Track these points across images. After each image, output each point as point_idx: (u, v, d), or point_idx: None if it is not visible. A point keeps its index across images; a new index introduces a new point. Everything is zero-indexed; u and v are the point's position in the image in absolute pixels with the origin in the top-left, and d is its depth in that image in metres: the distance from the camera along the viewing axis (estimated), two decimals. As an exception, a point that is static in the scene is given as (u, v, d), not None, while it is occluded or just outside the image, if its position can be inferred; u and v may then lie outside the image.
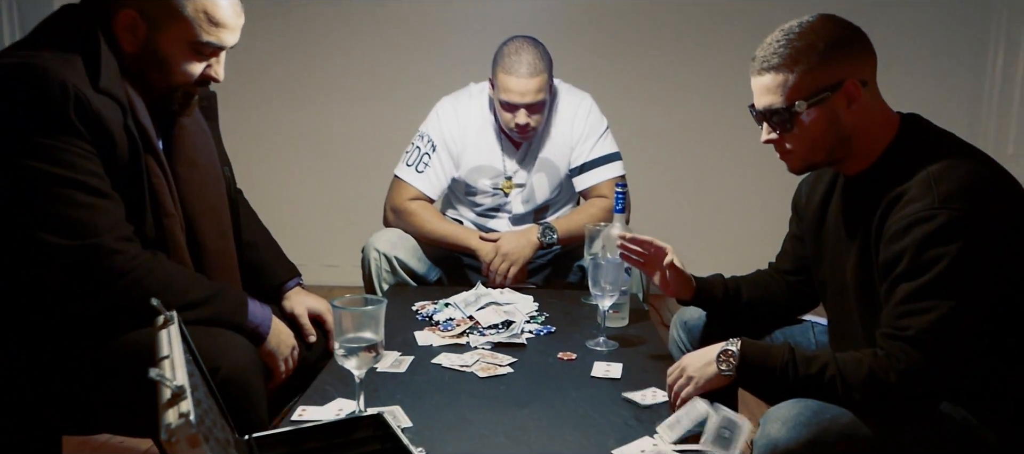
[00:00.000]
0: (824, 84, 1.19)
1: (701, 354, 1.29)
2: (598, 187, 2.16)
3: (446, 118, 2.16)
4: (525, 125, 2.04)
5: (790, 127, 1.22)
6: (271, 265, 1.64)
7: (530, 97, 2.00)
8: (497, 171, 2.18)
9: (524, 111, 2.02)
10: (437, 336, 1.63)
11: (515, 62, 1.99)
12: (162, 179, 1.29)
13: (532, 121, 2.04)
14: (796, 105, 1.20)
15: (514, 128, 2.05)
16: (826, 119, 1.20)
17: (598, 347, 1.59)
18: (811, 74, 1.18)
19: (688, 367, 1.29)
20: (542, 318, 1.78)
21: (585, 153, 2.16)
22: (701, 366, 1.28)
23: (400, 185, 2.15)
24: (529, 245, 2.06)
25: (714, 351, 1.27)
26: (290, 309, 1.60)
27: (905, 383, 1.10)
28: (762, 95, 1.24)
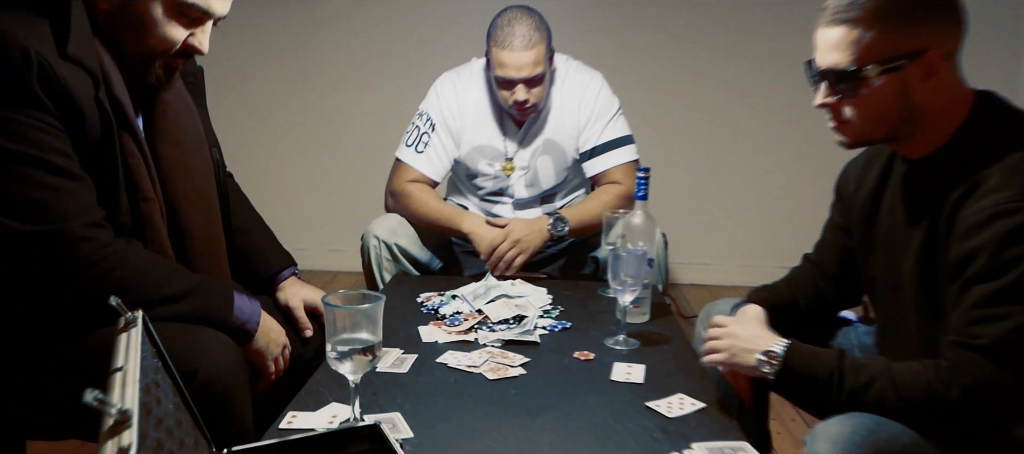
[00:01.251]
0: (903, 50, 1.04)
1: (750, 335, 1.18)
2: (610, 173, 2.02)
3: (445, 95, 2.02)
4: (524, 101, 1.90)
5: (853, 93, 1.08)
6: (264, 253, 1.52)
7: (527, 71, 1.86)
8: (497, 152, 2.05)
9: (522, 86, 1.88)
10: (443, 331, 1.51)
11: (508, 35, 1.85)
12: (140, 159, 1.16)
13: (531, 96, 1.91)
14: (866, 68, 1.05)
15: (513, 106, 1.92)
16: (896, 90, 1.06)
17: (618, 346, 1.46)
18: (891, 35, 1.04)
19: (733, 343, 1.18)
20: (556, 312, 1.65)
21: (595, 136, 2.02)
22: (743, 350, 1.16)
23: (400, 167, 2.03)
24: (539, 234, 1.92)
25: (762, 343, 1.15)
26: (284, 301, 1.49)
27: (971, 400, 0.97)
28: (828, 50, 1.09)
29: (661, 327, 1.60)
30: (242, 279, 1.50)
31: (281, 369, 1.32)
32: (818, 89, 1.14)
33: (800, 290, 1.38)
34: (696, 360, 1.43)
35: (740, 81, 3.36)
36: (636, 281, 1.45)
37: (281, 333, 1.31)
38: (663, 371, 1.36)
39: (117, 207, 1.14)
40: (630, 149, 2.04)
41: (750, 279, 3.80)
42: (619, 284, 1.45)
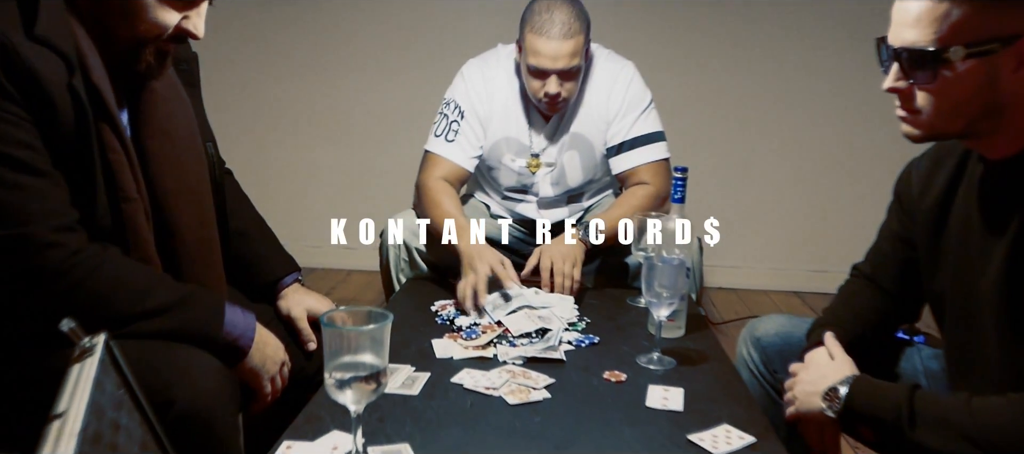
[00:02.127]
0: (996, 32, 0.89)
1: (814, 376, 1.06)
2: (638, 171, 1.87)
3: (473, 82, 1.89)
4: (556, 95, 1.76)
5: (931, 78, 0.93)
6: (264, 258, 1.39)
7: (563, 62, 1.72)
8: (523, 147, 1.91)
9: (555, 78, 1.74)
10: (458, 346, 1.38)
11: (546, 22, 1.71)
12: (121, 154, 1.04)
13: (564, 91, 1.77)
14: (950, 50, 0.90)
15: (543, 98, 1.78)
16: (982, 78, 0.91)
17: (652, 365, 1.32)
18: (984, 14, 0.89)
19: (797, 383, 1.04)
20: (582, 325, 1.51)
21: (624, 130, 1.87)
22: (807, 392, 1.04)
23: (430, 159, 1.89)
24: (579, 247, 1.72)
25: (824, 381, 1.01)
26: (286, 310, 1.36)
27: None
28: (905, 26, 0.94)
29: (698, 343, 1.45)
30: (241, 286, 1.38)
31: (279, 389, 1.19)
32: (889, 71, 0.99)
33: (865, 318, 1.23)
34: (740, 383, 1.29)
35: (773, 79, 3.20)
36: (673, 293, 1.31)
37: (279, 349, 1.19)
38: (704, 396, 1.21)
39: (94, 208, 1.01)
40: (661, 147, 1.89)
41: (780, 283, 3.66)
42: (653, 296, 1.31)
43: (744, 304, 3.22)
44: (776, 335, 1.30)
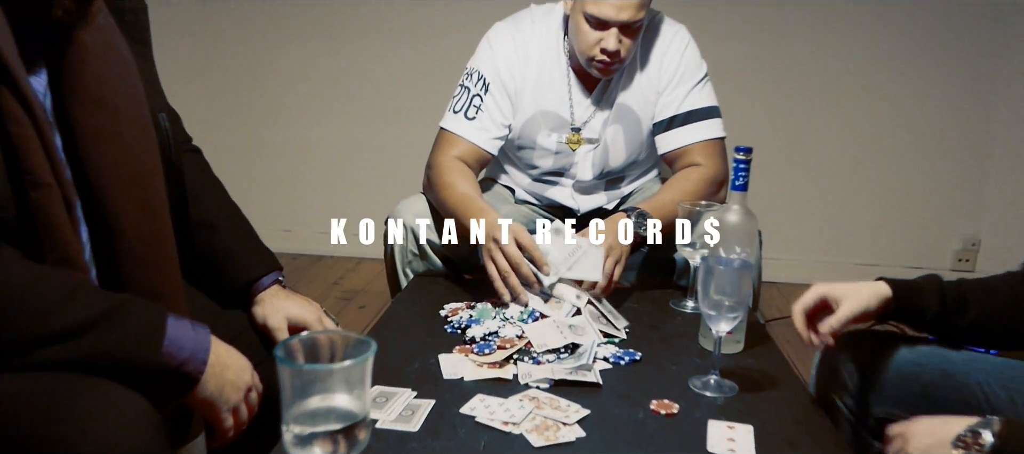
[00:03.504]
0: None
1: (932, 428, 0.80)
2: (689, 151, 1.60)
3: (501, 48, 1.62)
4: (614, 53, 1.49)
5: None
6: (236, 255, 1.15)
7: (628, 14, 1.46)
8: (561, 121, 1.65)
9: (616, 33, 1.48)
10: (470, 363, 1.13)
11: None
12: (28, 127, 0.79)
13: (623, 49, 1.50)
14: None
15: (597, 57, 1.51)
16: None
17: (709, 392, 1.07)
18: None
19: (914, 432, 0.79)
20: (620, 336, 1.26)
21: (675, 103, 1.61)
22: (928, 444, 0.78)
23: (444, 138, 1.63)
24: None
25: (951, 427, 0.76)
26: (262, 318, 1.12)
27: None
28: None
29: (761, 360, 1.20)
30: (209, 290, 1.15)
31: (244, 421, 0.95)
32: None
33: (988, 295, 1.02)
34: (822, 418, 1.03)
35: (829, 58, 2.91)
36: (736, 303, 1.05)
37: (243, 371, 0.95)
38: (779, 435, 0.96)
39: (-12, 198, 0.77)
40: (716, 124, 1.62)
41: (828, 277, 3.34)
42: (711, 307, 1.05)
43: (788, 301, 2.95)
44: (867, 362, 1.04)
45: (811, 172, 3.05)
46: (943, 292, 1.02)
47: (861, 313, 1.02)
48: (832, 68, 2.94)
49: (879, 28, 2.88)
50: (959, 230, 3.07)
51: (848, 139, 3.00)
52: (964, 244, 3.08)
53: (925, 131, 2.95)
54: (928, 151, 2.97)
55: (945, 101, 2.93)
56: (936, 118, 2.94)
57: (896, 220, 3.06)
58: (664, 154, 1.64)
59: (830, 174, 3.05)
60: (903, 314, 1.04)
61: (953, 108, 2.94)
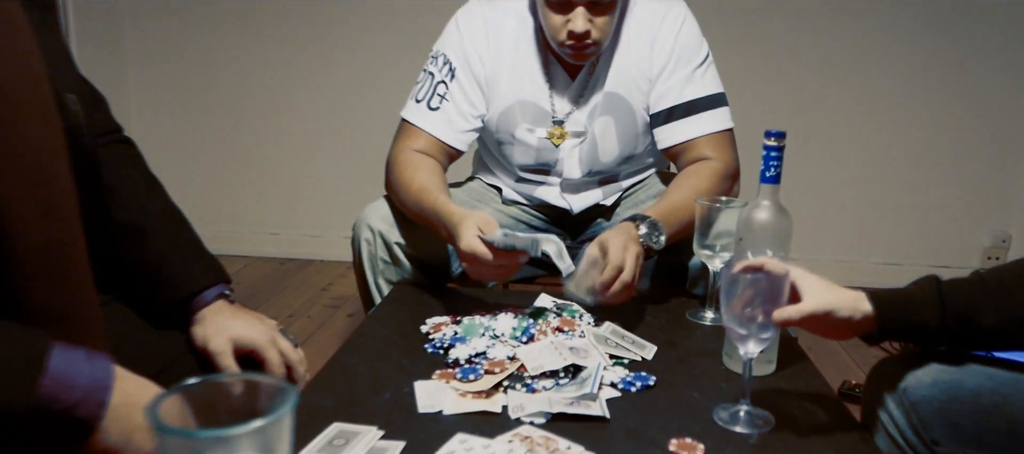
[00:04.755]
0: None
1: None
2: (696, 144, 1.41)
3: (471, 31, 1.44)
4: (583, 35, 1.31)
5: None
6: (172, 264, 0.97)
7: None
8: (542, 113, 1.47)
9: (583, 12, 1.30)
10: (451, 391, 0.95)
11: None
12: None
13: (594, 29, 1.32)
14: None
15: (566, 41, 1.34)
16: None
17: (740, 427, 0.88)
18: None
19: None
20: (630, 358, 1.07)
21: (674, 92, 1.41)
22: None
23: (405, 131, 1.45)
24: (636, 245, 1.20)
25: None
26: (203, 340, 0.94)
27: None
28: None
29: (797, 383, 1.01)
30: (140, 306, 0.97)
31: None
32: None
33: None
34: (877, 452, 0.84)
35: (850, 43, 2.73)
36: (770, 318, 0.87)
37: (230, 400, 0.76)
38: (831, 485, 0.77)
39: None
40: (724, 113, 1.43)
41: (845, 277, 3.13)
42: (739, 324, 0.87)
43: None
44: (935, 387, 0.85)
45: (831, 167, 2.86)
46: (943, 300, 0.84)
47: (825, 313, 0.84)
48: (852, 58, 2.75)
49: (904, 19, 2.70)
50: (989, 226, 2.89)
51: (870, 132, 2.82)
52: (994, 241, 2.90)
53: (952, 125, 2.78)
54: (956, 145, 2.80)
55: (972, 94, 2.75)
56: (964, 111, 2.77)
57: (922, 217, 2.88)
58: (665, 149, 1.46)
59: (851, 169, 2.87)
60: (899, 332, 0.86)
61: (981, 101, 2.76)
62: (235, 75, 3.10)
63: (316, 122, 3.11)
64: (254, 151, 3.20)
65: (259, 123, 3.15)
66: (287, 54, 3.05)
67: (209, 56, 3.11)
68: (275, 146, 3.17)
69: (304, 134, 3.13)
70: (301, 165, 3.17)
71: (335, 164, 3.10)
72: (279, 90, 3.10)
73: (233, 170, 3.26)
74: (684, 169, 1.41)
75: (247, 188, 3.27)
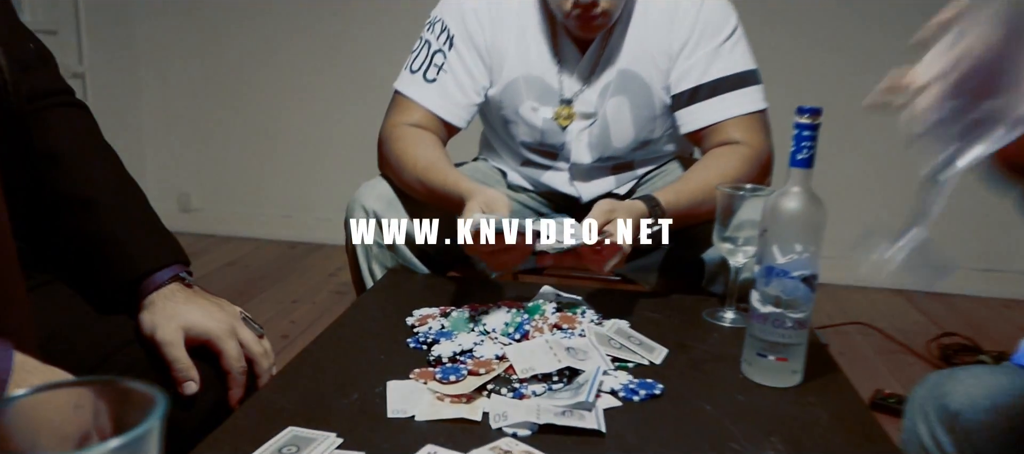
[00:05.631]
0: None
1: None
2: (723, 127, 1.27)
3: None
4: (590, 4, 1.19)
5: None
6: (119, 241, 0.87)
7: None
8: (548, 90, 1.34)
9: None
10: (428, 393, 0.83)
11: None
12: None
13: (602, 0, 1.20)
14: None
15: (570, 10, 1.21)
16: None
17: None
18: None
19: None
20: (635, 362, 0.95)
21: (697, 70, 1.28)
22: None
23: (398, 104, 1.34)
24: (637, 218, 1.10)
25: None
26: (150, 329, 0.84)
27: None
28: None
29: (826, 398, 0.88)
30: (85, 288, 0.87)
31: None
32: None
33: None
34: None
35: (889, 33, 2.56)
36: (798, 322, 0.74)
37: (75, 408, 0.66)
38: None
39: None
40: (753, 93, 1.29)
41: (882, 278, 3.01)
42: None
43: (836, 304, 2.61)
44: (994, 413, 0.72)
45: (871, 157, 2.70)
46: None
47: None
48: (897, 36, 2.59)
49: None
50: (1039, 229, 2.71)
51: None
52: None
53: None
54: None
55: None
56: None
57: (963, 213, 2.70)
58: (688, 134, 1.32)
59: (886, 157, 2.70)
60: None
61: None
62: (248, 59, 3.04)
63: (330, 105, 3.02)
64: (268, 133, 3.13)
65: (273, 105, 3.08)
66: (300, 37, 2.98)
67: (222, 40, 3.06)
68: (288, 128, 3.10)
69: (317, 117, 3.05)
70: (314, 148, 3.09)
71: (348, 147, 3.01)
72: (294, 71, 3.02)
73: (246, 152, 3.20)
74: (709, 153, 1.28)
75: (258, 170, 3.21)
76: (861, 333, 2.38)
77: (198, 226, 3.31)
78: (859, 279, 2.77)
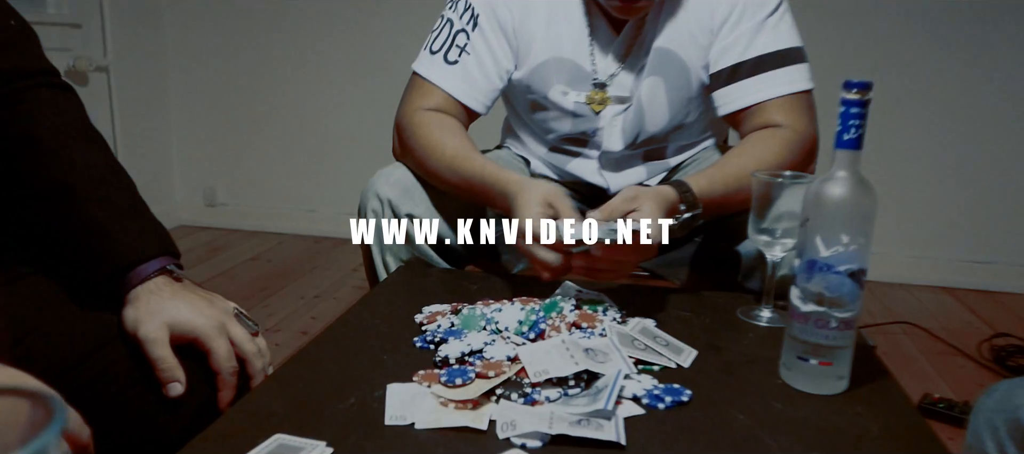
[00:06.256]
0: None
1: None
2: (764, 109, 1.18)
3: None
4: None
5: None
6: (104, 231, 0.81)
7: None
8: (580, 73, 1.26)
9: None
10: (431, 397, 0.76)
11: None
12: None
13: None
14: None
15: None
16: None
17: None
18: None
19: None
20: (661, 365, 0.86)
21: (739, 46, 1.19)
22: None
23: (417, 86, 1.27)
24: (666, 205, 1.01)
25: None
26: (132, 325, 0.78)
27: None
28: None
29: (876, 407, 0.78)
30: (69, 279, 0.82)
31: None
32: None
33: None
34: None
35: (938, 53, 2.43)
36: (844, 322, 0.65)
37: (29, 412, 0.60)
38: None
39: None
40: (799, 72, 1.19)
41: (926, 275, 2.82)
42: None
43: (879, 302, 2.49)
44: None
45: (907, 147, 2.57)
46: None
47: None
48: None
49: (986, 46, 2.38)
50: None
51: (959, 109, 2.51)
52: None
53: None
54: None
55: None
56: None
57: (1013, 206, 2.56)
58: (726, 116, 1.23)
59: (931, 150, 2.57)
60: None
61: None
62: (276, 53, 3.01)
63: (356, 98, 2.99)
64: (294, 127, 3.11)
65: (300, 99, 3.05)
66: (328, 31, 2.95)
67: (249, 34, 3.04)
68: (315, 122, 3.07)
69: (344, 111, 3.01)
70: (340, 142, 3.06)
71: (374, 141, 2.96)
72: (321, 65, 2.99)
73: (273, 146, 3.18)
74: (748, 136, 1.18)
75: (285, 164, 3.18)
76: (906, 333, 2.25)
77: (224, 221, 3.28)
78: (903, 275, 2.64)
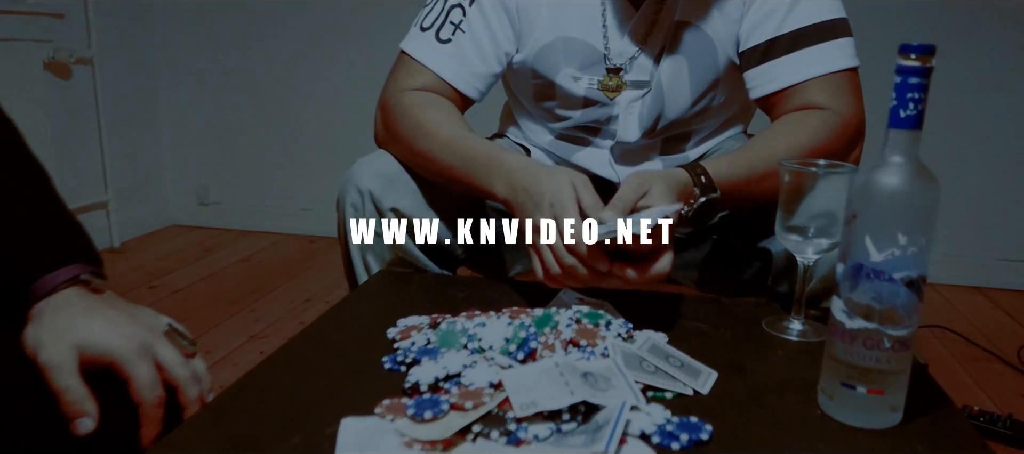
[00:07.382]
0: None
1: None
2: (803, 89, 1.02)
3: None
4: None
5: None
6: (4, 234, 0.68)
7: None
8: (593, 55, 1.12)
9: None
10: (394, 436, 0.62)
11: None
12: None
13: None
14: None
15: None
16: None
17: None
18: None
19: None
20: (675, 391, 0.72)
21: (775, 19, 1.03)
22: None
23: (404, 66, 1.13)
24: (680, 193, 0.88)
25: None
26: (33, 347, 0.64)
27: None
28: None
29: (934, 439, 0.64)
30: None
31: None
32: None
33: None
34: None
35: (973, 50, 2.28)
36: (899, 341, 0.51)
37: None
38: None
39: None
40: (843, 47, 1.03)
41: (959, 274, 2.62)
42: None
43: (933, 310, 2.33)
44: None
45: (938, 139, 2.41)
46: None
47: None
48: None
49: None
50: None
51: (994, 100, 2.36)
52: None
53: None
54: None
55: None
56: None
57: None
58: (758, 99, 1.08)
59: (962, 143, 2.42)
60: None
61: None
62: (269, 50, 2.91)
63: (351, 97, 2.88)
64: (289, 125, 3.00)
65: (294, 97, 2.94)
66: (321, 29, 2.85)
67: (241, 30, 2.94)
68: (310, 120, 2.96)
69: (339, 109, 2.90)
70: (336, 140, 2.95)
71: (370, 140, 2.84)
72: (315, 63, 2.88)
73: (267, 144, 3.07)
74: (782, 118, 1.04)
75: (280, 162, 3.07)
76: (939, 338, 2.10)
77: (217, 220, 3.16)
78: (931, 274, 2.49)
